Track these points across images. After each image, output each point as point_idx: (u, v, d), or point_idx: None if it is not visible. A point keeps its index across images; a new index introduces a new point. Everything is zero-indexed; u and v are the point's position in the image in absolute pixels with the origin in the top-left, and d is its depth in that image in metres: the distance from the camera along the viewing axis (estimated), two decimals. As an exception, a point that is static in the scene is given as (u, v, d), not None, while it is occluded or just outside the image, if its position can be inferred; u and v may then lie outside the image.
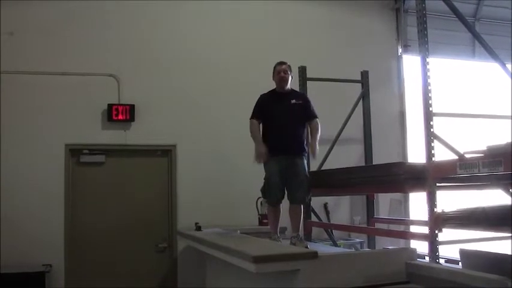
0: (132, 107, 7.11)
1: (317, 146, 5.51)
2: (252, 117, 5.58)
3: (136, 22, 7.36)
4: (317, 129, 5.54)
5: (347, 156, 7.62)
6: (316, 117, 5.59)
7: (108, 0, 7.23)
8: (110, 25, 7.25)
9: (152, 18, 7.43)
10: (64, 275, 6.67)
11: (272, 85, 5.67)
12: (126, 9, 7.29)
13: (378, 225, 6.91)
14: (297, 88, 6.63)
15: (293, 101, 5.49)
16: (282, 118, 5.39)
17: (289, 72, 5.54)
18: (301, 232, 5.65)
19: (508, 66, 5.06)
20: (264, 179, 5.40)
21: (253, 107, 5.65)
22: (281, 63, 5.57)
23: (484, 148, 4.05)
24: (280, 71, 5.51)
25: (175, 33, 7.52)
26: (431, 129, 4.60)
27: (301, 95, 5.82)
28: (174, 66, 7.42)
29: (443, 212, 4.47)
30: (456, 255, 4.56)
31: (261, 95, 5.63)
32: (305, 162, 5.45)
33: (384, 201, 7.94)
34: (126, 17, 7.33)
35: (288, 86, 5.57)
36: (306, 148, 5.52)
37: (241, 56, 7.67)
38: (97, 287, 6.82)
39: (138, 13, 7.35)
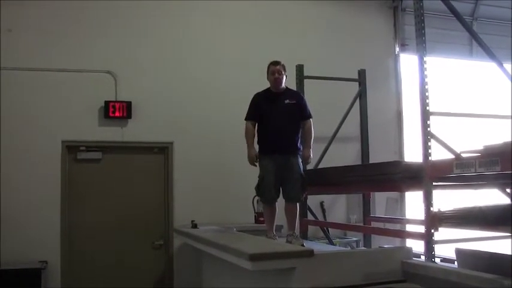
0: (129, 104, 7.10)
1: (311, 153, 5.48)
2: (246, 119, 5.55)
3: (133, 19, 7.34)
4: (310, 132, 5.49)
5: (344, 155, 7.64)
6: (310, 117, 5.55)
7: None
8: (107, 22, 7.24)
9: (149, 16, 7.40)
10: (60, 271, 6.67)
11: (269, 83, 5.64)
12: (123, 7, 7.28)
13: (374, 224, 6.93)
14: (294, 86, 6.62)
15: (287, 101, 5.44)
16: (277, 118, 5.35)
17: (283, 72, 5.46)
18: (297, 230, 5.64)
19: (506, 65, 5.07)
20: (258, 177, 5.39)
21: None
22: (275, 63, 5.47)
23: (481, 147, 4.05)
24: (274, 72, 5.43)
25: (173, 31, 7.52)
26: (428, 129, 4.60)
27: (296, 94, 5.76)
28: (171, 63, 7.42)
29: (439, 211, 4.48)
30: (452, 255, 4.57)
31: (255, 94, 5.59)
32: (300, 160, 5.43)
33: (381, 200, 7.95)
34: (123, 14, 7.31)
35: (283, 85, 5.53)
36: (301, 147, 5.50)
37: (239, 55, 7.67)
38: (93, 284, 6.83)
39: (135, 11, 7.33)
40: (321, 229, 7.49)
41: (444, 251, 5.09)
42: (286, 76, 5.54)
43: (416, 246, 4.95)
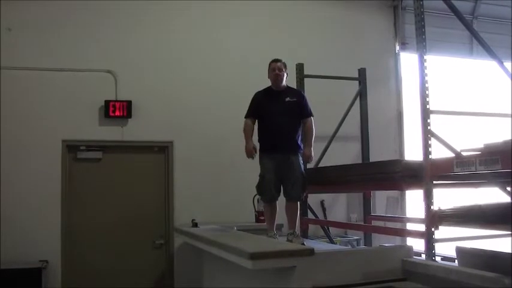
0: (129, 104, 7.10)
1: (312, 152, 5.49)
2: (246, 116, 5.56)
3: (134, 19, 7.34)
4: (311, 130, 5.49)
5: (344, 154, 7.64)
6: (310, 115, 5.54)
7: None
8: (108, 22, 7.24)
9: (149, 15, 7.41)
10: (60, 270, 6.67)
11: (269, 82, 5.65)
12: (123, 7, 7.27)
13: (375, 223, 6.92)
14: (294, 85, 6.61)
15: (288, 99, 5.45)
16: (277, 116, 5.36)
17: (283, 70, 5.48)
18: (297, 229, 5.65)
19: (506, 64, 5.06)
20: (259, 176, 5.39)
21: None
22: (276, 60, 5.50)
23: (481, 146, 4.05)
24: (274, 69, 5.45)
25: (174, 31, 7.51)
26: (429, 127, 4.60)
27: (297, 92, 5.78)
28: (171, 63, 7.42)
29: (439, 209, 4.48)
30: (452, 253, 4.57)
31: (255, 93, 5.60)
32: (300, 159, 5.43)
33: (381, 199, 7.96)
34: (124, 14, 7.31)
35: (284, 83, 5.54)
36: (302, 145, 5.50)
37: (239, 54, 7.67)
38: (93, 283, 6.83)
39: (135, 10, 7.32)
40: (321, 228, 7.49)
41: (444, 249, 5.09)
42: (287, 74, 5.55)
43: (417, 244, 4.96)
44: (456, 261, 4.45)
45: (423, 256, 4.77)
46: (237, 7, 7.79)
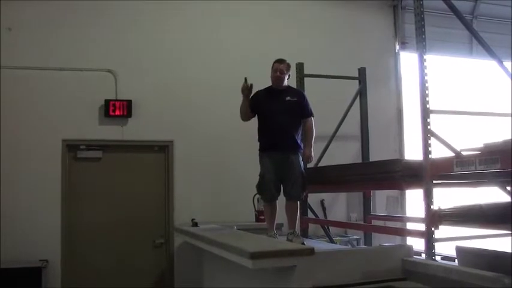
0: (129, 103, 7.10)
1: (312, 152, 5.50)
2: None
3: (134, 19, 7.34)
4: (311, 130, 5.50)
5: (344, 153, 7.64)
6: (311, 115, 5.55)
7: (106, -1, 7.26)
8: (108, 21, 7.25)
9: (149, 15, 7.41)
10: (60, 270, 6.68)
11: (270, 82, 5.65)
12: (123, 6, 7.27)
13: (375, 222, 6.92)
14: (294, 85, 6.61)
15: (288, 98, 5.46)
16: (277, 115, 5.37)
17: (285, 72, 5.48)
18: (297, 228, 5.65)
19: (506, 63, 5.06)
20: (259, 175, 5.40)
21: None
22: (280, 61, 5.50)
23: (481, 145, 4.05)
24: (276, 70, 5.46)
25: (174, 30, 7.51)
26: (428, 127, 4.60)
27: (297, 92, 5.78)
28: (171, 62, 7.42)
29: (439, 209, 4.48)
30: (452, 253, 4.58)
31: (256, 92, 5.60)
32: (300, 158, 5.44)
33: (381, 198, 7.96)
34: (124, 13, 7.31)
35: (285, 83, 5.55)
36: (302, 145, 5.50)
37: (239, 53, 7.66)
38: (93, 282, 6.84)
39: (135, 9, 7.32)
40: (321, 227, 7.49)
41: (444, 249, 5.09)
42: (289, 76, 5.57)
43: (417, 244, 4.96)
44: (456, 260, 4.46)
45: (423, 256, 4.78)
46: (237, 7, 7.79)
